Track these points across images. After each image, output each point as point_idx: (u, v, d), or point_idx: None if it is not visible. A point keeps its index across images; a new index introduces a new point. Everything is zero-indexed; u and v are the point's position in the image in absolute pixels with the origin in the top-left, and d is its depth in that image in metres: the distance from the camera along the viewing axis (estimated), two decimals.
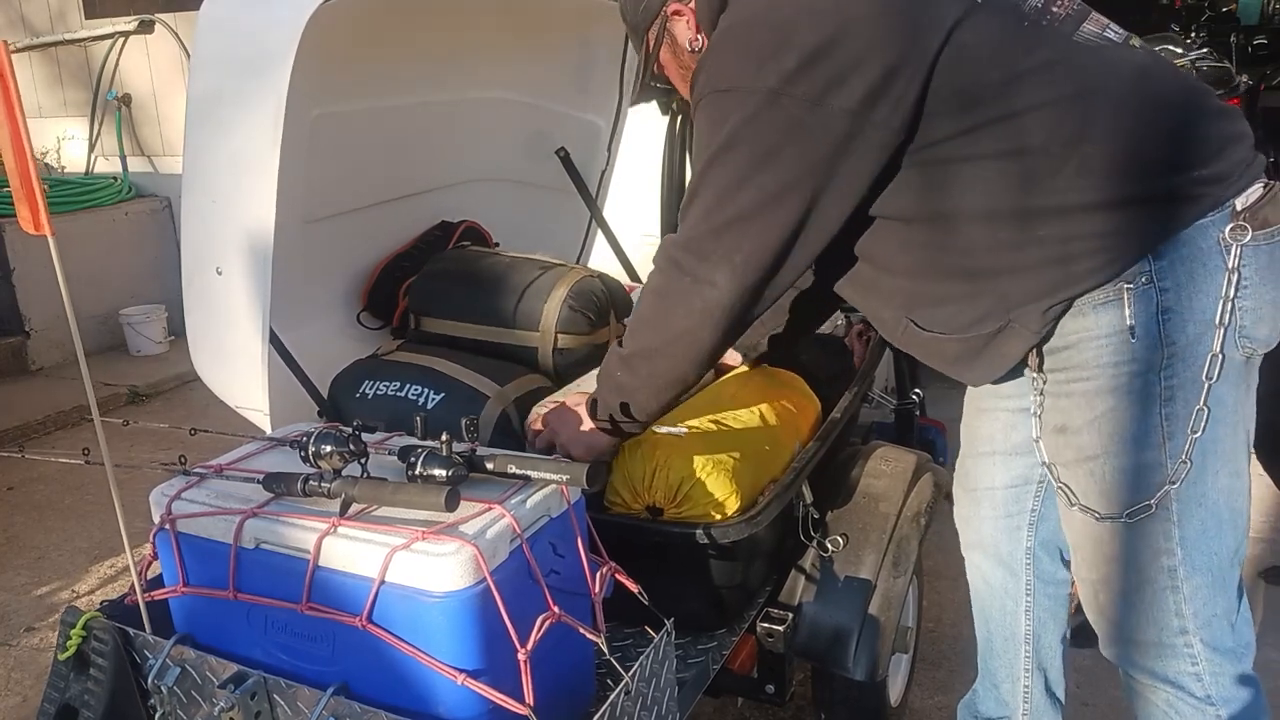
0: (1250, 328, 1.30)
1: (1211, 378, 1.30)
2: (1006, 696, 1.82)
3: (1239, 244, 1.26)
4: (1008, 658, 1.79)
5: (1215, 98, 1.35)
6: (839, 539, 1.90)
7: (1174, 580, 1.39)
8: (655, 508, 1.69)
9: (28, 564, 3.37)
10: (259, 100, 1.73)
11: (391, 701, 1.29)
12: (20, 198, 1.33)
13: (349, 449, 1.35)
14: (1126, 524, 1.38)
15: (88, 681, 1.50)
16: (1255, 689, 1.46)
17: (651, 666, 1.45)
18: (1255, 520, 3.17)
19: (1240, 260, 1.26)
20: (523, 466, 1.38)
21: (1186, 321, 1.29)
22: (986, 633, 1.83)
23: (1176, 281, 1.28)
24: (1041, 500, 1.67)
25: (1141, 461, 1.35)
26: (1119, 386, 1.33)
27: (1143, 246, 1.28)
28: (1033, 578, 1.74)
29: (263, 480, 1.39)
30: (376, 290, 2.36)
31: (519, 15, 2.37)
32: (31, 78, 6.30)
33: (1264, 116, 6.10)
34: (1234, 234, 1.26)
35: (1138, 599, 1.42)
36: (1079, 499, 1.42)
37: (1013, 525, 1.71)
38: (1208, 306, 1.29)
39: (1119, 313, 1.30)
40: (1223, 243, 1.27)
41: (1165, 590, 1.39)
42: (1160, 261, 1.28)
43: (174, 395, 5.07)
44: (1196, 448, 1.32)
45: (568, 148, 2.67)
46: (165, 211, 5.97)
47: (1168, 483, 1.34)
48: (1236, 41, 6.27)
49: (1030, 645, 1.77)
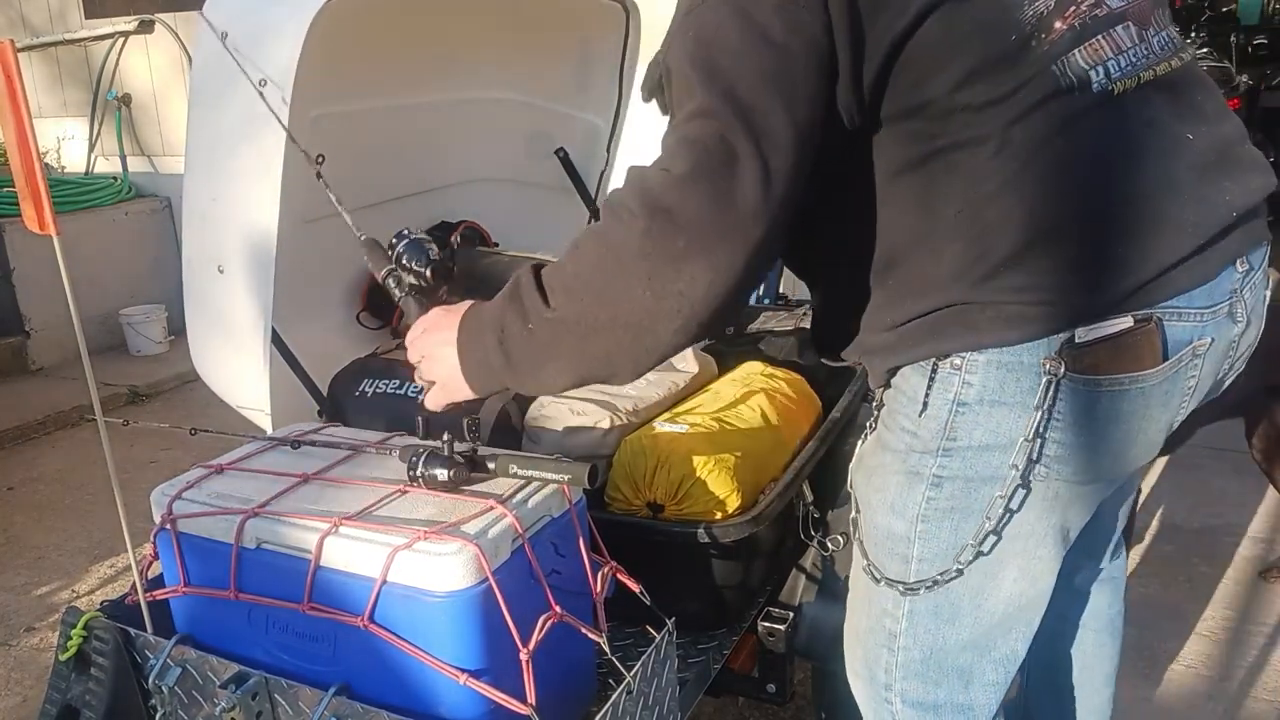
0: (1054, 460, 1.18)
1: (1010, 509, 1.20)
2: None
3: (1055, 379, 1.12)
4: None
5: (1195, 189, 1.13)
6: (839, 538, 1.90)
7: (892, 643, 1.33)
8: (656, 504, 1.70)
9: (28, 564, 3.37)
10: (260, 100, 1.73)
11: (393, 701, 1.29)
12: (25, 196, 1.33)
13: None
14: (870, 579, 1.34)
15: (89, 682, 1.50)
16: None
17: (653, 666, 1.45)
18: (1255, 520, 3.19)
19: (1056, 395, 1.13)
20: (524, 466, 1.39)
21: (975, 426, 1.17)
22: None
23: (984, 383, 1.15)
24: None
25: (891, 528, 1.28)
26: (898, 450, 1.25)
27: (966, 344, 1.16)
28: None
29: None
30: (376, 290, 2.36)
31: (519, 15, 2.37)
32: (31, 78, 6.30)
33: (1264, 116, 6.10)
34: (1051, 366, 1.12)
35: (864, 636, 1.39)
36: (858, 525, 1.37)
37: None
38: (1005, 422, 1.16)
39: (922, 382, 1.20)
40: (1041, 370, 1.12)
41: (882, 646, 1.35)
42: (978, 355, 1.15)
43: (174, 395, 5.07)
44: (974, 563, 1.24)
45: (567, 148, 2.67)
46: (165, 211, 5.97)
47: (914, 560, 1.27)
48: (1236, 41, 6.27)
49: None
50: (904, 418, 1.24)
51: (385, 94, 2.18)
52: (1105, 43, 1.13)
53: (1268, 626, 2.65)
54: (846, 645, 1.47)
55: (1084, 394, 1.14)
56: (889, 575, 1.30)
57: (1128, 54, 1.14)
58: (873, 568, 1.33)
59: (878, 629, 1.35)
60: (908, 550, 1.27)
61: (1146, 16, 1.18)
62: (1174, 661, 2.53)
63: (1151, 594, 2.81)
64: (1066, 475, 1.19)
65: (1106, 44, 1.13)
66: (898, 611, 1.31)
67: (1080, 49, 1.11)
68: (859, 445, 1.39)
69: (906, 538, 1.27)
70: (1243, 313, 1.21)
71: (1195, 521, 3.20)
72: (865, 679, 1.42)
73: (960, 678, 1.33)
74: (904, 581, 1.29)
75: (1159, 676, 2.49)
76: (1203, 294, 1.15)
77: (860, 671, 1.43)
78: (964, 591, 1.27)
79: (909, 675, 1.34)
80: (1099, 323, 1.11)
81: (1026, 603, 1.29)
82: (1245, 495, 3.33)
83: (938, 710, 1.35)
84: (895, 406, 1.26)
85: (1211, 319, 1.17)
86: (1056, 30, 1.11)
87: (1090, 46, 1.12)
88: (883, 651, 1.35)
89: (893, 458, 1.27)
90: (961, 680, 1.33)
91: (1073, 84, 1.10)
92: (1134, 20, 1.16)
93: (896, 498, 1.26)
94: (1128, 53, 1.14)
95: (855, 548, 1.38)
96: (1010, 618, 1.30)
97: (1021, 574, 1.26)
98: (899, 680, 1.35)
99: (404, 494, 1.39)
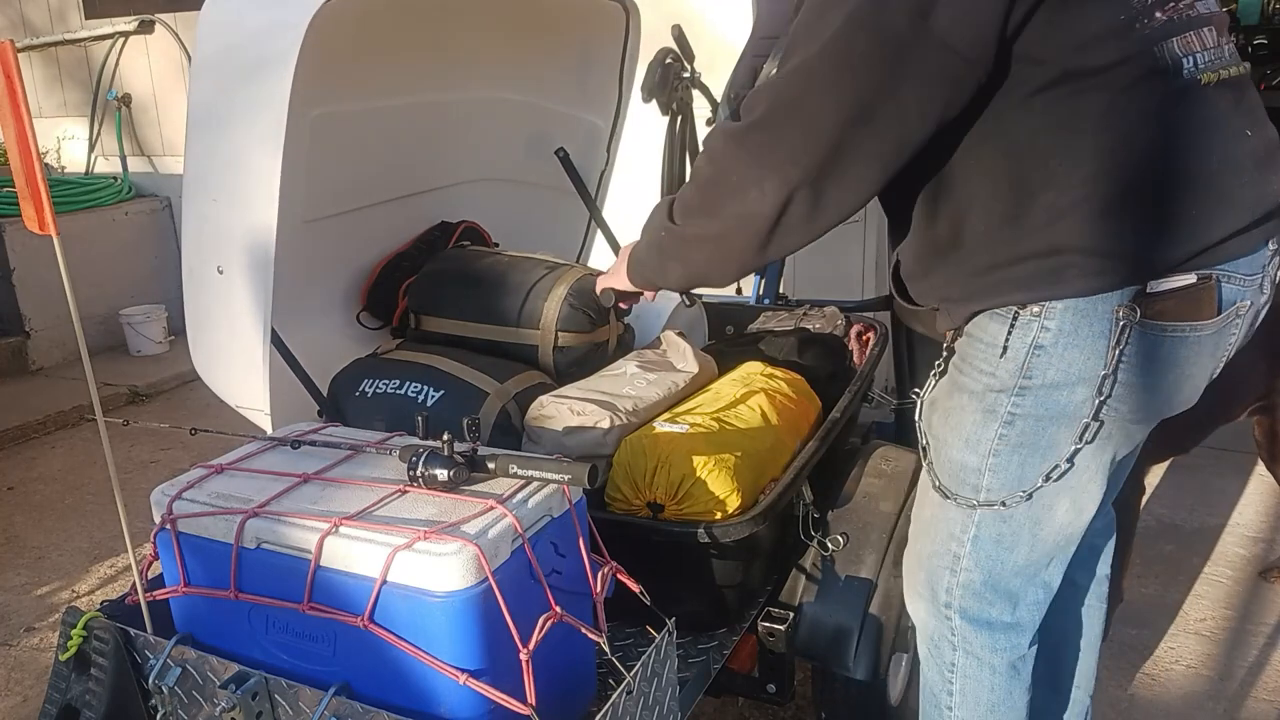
0: (1114, 400, 1.33)
1: (1084, 440, 1.35)
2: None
3: (1130, 324, 1.28)
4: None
5: (1253, 173, 1.29)
6: (839, 538, 1.90)
7: (955, 565, 1.49)
8: (656, 504, 1.70)
9: (28, 564, 3.37)
10: (260, 100, 1.73)
11: (393, 701, 1.29)
12: (25, 197, 1.33)
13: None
14: (940, 496, 1.49)
15: (89, 682, 1.50)
16: (1003, 682, 1.55)
17: (653, 666, 1.45)
18: (1255, 520, 3.19)
19: (1127, 337, 1.28)
20: (524, 466, 1.39)
21: (1049, 366, 1.32)
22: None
23: (1061, 327, 1.30)
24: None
25: (964, 461, 1.43)
26: (975, 391, 1.40)
27: (1050, 294, 1.30)
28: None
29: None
30: (376, 290, 2.36)
31: (519, 15, 2.37)
32: (31, 78, 6.29)
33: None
34: (1125, 313, 1.27)
35: (927, 560, 1.55)
36: (929, 455, 1.53)
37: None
38: (1076, 362, 1.31)
39: (1003, 329, 1.34)
40: (1115, 316, 1.28)
41: (945, 569, 1.51)
42: (1057, 302, 1.30)
43: (174, 395, 5.07)
44: (1039, 491, 1.40)
45: (567, 148, 2.67)
46: (165, 211, 5.97)
47: (983, 490, 1.42)
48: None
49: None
50: (982, 361, 1.38)
51: (385, 94, 2.18)
52: (1195, 38, 1.29)
53: (1268, 626, 2.65)
54: (907, 570, 1.63)
55: (1151, 339, 1.30)
56: (962, 494, 1.46)
57: (1210, 52, 1.30)
58: (944, 488, 1.48)
59: (943, 552, 1.51)
60: (978, 480, 1.43)
61: (1223, 26, 1.35)
62: (1174, 661, 2.53)
63: (1151, 594, 2.81)
64: (1124, 414, 1.35)
65: (1196, 39, 1.29)
66: (964, 536, 1.47)
67: (1176, 38, 1.27)
68: (926, 391, 1.55)
69: (978, 469, 1.42)
70: (1268, 285, 1.39)
71: (1195, 521, 3.20)
72: (927, 599, 1.57)
73: (1009, 600, 1.50)
74: (972, 502, 1.44)
75: (1159, 676, 2.49)
76: (1247, 263, 1.32)
77: (922, 593, 1.58)
78: (1025, 520, 1.43)
79: (968, 595, 1.51)
80: (1169, 277, 1.27)
81: (1073, 533, 1.46)
82: (1245, 495, 3.33)
83: (990, 627, 1.52)
84: (972, 352, 1.40)
85: (1251, 285, 1.34)
86: (1157, 19, 1.26)
87: (1184, 39, 1.28)
88: (945, 573, 1.51)
89: (969, 398, 1.41)
90: (1010, 602, 1.50)
91: (1168, 66, 1.26)
92: (1216, 26, 1.33)
93: (972, 433, 1.41)
94: (1210, 51, 1.30)
95: (925, 472, 1.54)
96: (1057, 547, 1.47)
97: (1072, 506, 1.43)
98: (959, 599, 1.51)
99: (404, 494, 1.39)
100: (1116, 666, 2.49)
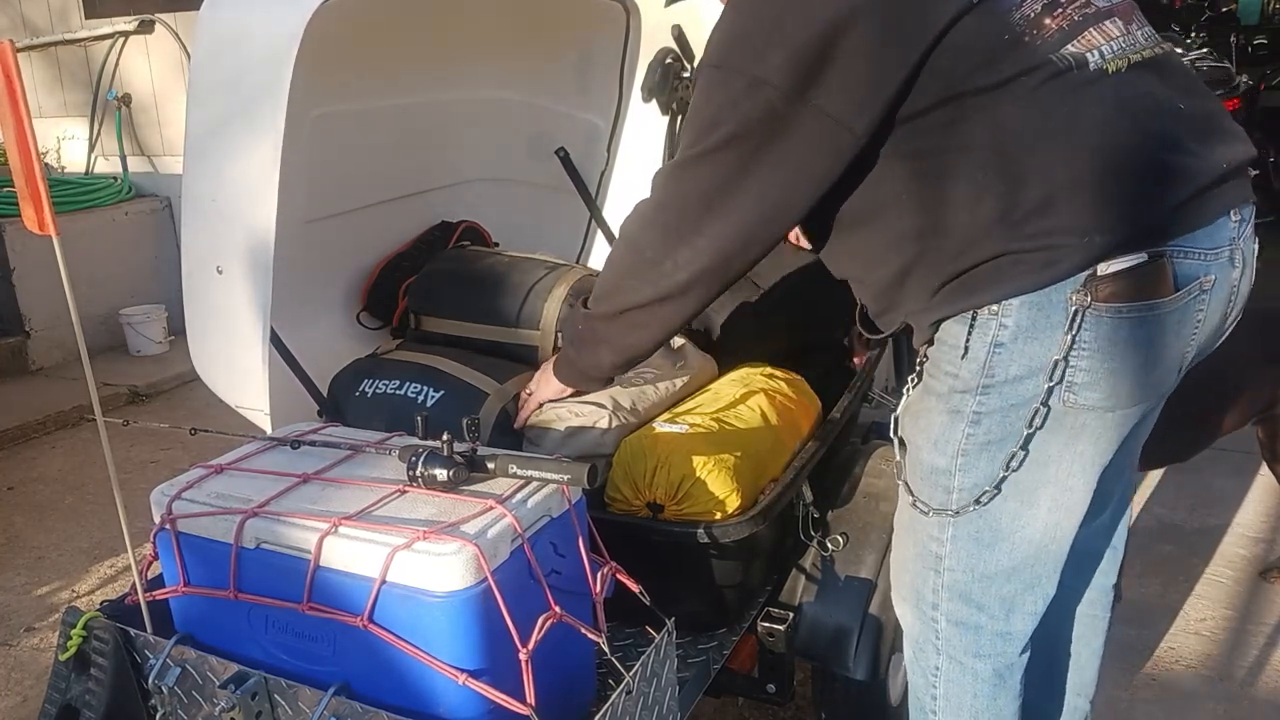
0: (1081, 388, 1.32)
1: (1033, 425, 1.35)
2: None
3: (1082, 309, 1.28)
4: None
5: (1190, 145, 1.30)
6: (839, 538, 1.90)
7: (939, 565, 1.49)
8: (656, 504, 1.70)
9: (28, 564, 3.37)
10: (259, 100, 1.73)
11: (393, 701, 1.29)
12: (25, 197, 1.33)
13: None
14: (913, 505, 1.49)
15: (88, 682, 1.50)
16: (987, 689, 1.54)
17: (653, 666, 1.45)
18: (1255, 520, 3.19)
19: (1081, 324, 1.29)
20: (524, 466, 1.39)
21: (1010, 362, 1.33)
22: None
23: (1018, 323, 1.31)
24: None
25: (935, 464, 1.44)
26: (941, 393, 1.41)
27: (1009, 291, 1.31)
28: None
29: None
30: (376, 290, 2.36)
31: (519, 15, 2.37)
32: (31, 78, 6.29)
33: (1264, 116, 6.10)
34: (1078, 299, 1.28)
35: (911, 562, 1.54)
36: (902, 466, 1.53)
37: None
38: (1037, 354, 1.32)
39: (963, 330, 1.35)
40: (1069, 303, 1.28)
41: (929, 570, 1.51)
42: (1013, 299, 1.31)
43: (174, 395, 5.07)
44: (1007, 483, 1.39)
45: (568, 148, 2.66)
46: (165, 211, 5.97)
47: (955, 490, 1.42)
48: (1236, 41, 6.27)
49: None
50: (947, 364, 1.39)
51: (385, 94, 2.18)
52: (1095, 34, 1.30)
53: (1268, 626, 2.65)
54: (894, 576, 1.61)
55: (1107, 321, 1.29)
56: (934, 506, 1.46)
57: (1117, 41, 1.32)
58: (918, 502, 1.48)
59: (924, 554, 1.50)
60: (949, 482, 1.43)
61: (1129, 13, 1.36)
62: (1174, 661, 2.53)
63: (1151, 594, 2.81)
64: (1093, 401, 1.34)
65: (1097, 34, 1.31)
66: (942, 535, 1.47)
67: (1073, 42, 1.29)
68: (902, 400, 1.55)
69: (948, 470, 1.42)
70: (1240, 259, 1.37)
71: (1195, 521, 3.20)
72: (912, 603, 1.56)
73: (1003, 606, 1.49)
74: (947, 509, 1.44)
75: (1159, 676, 2.49)
76: (1205, 235, 1.31)
77: (907, 596, 1.57)
78: (1001, 515, 1.42)
79: (953, 597, 1.50)
80: (1118, 258, 1.27)
81: (1061, 534, 1.44)
82: (1245, 495, 3.33)
83: (977, 631, 1.51)
84: (938, 356, 1.42)
85: (1215, 260, 1.32)
86: (1048, 27, 1.29)
87: (1082, 39, 1.29)
88: (929, 574, 1.51)
89: (936, 400, 1.43)
90: (1004, 608, 1.49)
91: (1071, 65, 1.28)
92: (1119, 16, 1.34)
93: (940, 435, 1.42)
94: (1116, 40, 1.32)
95: (900, 488, 1.53)
96: (1045, 548, 1.45)
97: (1055, 504, 1.41)
98: (944, 601, 1.50)
99: (403, 494, 1.39)
100: (1116, 666, 2.48)
